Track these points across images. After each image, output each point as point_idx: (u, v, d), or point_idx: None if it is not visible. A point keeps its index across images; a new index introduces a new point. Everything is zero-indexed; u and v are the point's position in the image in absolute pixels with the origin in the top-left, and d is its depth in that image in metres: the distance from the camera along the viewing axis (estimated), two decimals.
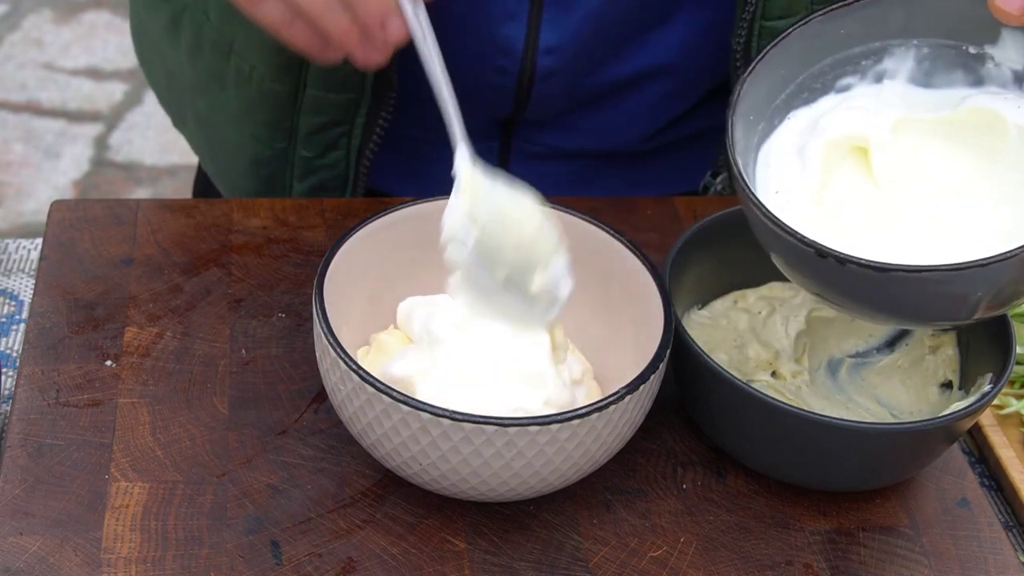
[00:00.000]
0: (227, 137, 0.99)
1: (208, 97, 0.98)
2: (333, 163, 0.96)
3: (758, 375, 0.79)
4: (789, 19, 0.89)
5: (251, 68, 0.93)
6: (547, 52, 0.92)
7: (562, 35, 0.91)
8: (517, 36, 0.91)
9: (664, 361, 0.70)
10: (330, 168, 0.96)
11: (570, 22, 0.91)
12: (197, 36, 0.96)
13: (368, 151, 0.94)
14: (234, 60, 0.93)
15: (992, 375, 0.75)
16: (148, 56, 1.07)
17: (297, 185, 0.98)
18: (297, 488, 0.73)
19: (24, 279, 0.91)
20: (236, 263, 0.87)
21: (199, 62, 0.97)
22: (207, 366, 0.80)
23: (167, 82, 1.05)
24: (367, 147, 0.94)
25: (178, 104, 1.05)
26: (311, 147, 0.95)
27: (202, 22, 0.94)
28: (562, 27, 0.91)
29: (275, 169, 0.98)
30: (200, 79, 0.98)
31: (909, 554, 0.74)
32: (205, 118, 1.01)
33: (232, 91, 0.95)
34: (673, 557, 0.72)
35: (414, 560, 0.70)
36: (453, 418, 0.65)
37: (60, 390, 0.77)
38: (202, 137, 1.05)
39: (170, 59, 1.01)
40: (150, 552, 0.69)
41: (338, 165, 0.96)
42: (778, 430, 0.73)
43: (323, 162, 0.96)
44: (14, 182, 2.56)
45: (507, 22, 0.91)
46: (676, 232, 0.81)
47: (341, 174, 0.96)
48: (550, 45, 0.92)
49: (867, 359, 0.83)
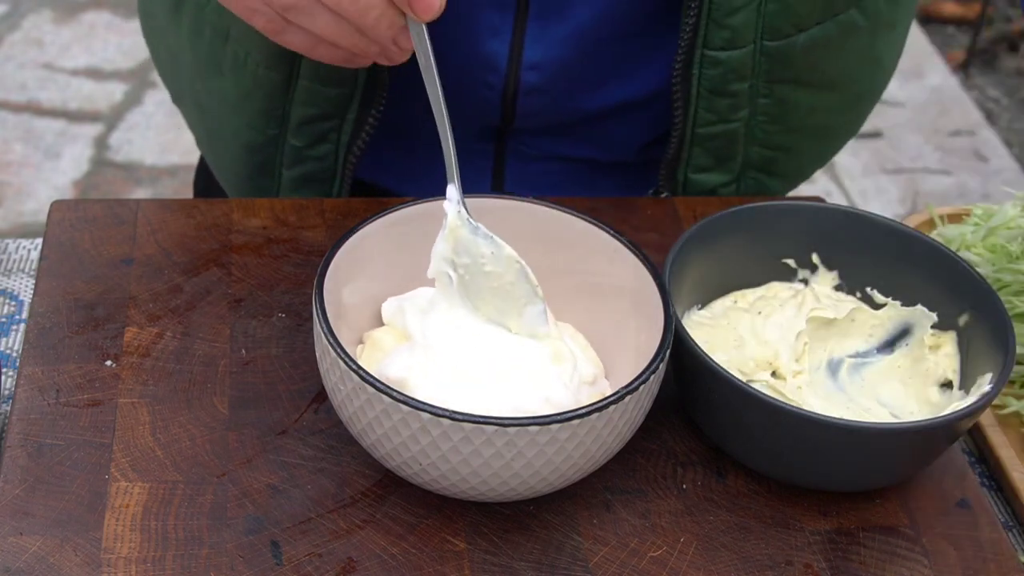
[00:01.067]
0: (222, 121, 1.00)
1: (206, 81, 0.99)
2: (322, 156, 0.96)
3: (758, 375, 0.79)
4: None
5: (246, 54, 0.93)
6: (530, 68, 0.92)
7: (545, 51, 0.92)
8: (501, 51, 0.92)
9: (664, 361, 0.70)
10: (319, 160, 0.96)
11: (554, 39, 0.91)
12: (198, 19, 0.96)
13: (356, 147, 0.94)
14: (231, 46, 0.94)
15: (992, 375, 0.75)
16: (153, 36, 1.08)
17: (286, 173, 0.98)
18: (297, 488, 0.73)
19: (24, 279, 0.91)
20: (236, 263, 0.87)
21: (199, 45, 0.97)
22: (207, 366, 0.80)
23: (169, 61, 1.06)
24: (356, 143, 0.94)
25: (178, 84, 1.06)
26: (301, 137, 0.95)
27: (203, 5, 0.95)
28: (546, 44, 0.91)
29: (266, 156, 0.98)
30: (199, 63, 0.98)
31: (909, 554, 0.74)
32: (203, 101, 1.02)
33: (229, 77, 0.96)
34: (673, 557, 0.72)
35: (414, 560, 0.70)
36: (453, 418, 0.65)
37: (60, 390, 0.77)
38: (198, 119, 1.06)
39: (172, 40, 1.02)
40: (150, 552, 0.69)
41: (327, 158, 0.96)
42: (778, 430, 0.73)
43: (312, 153, 0.96)
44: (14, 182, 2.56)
45: (491, 37, 0.91)
46: (676, 232, 0.81)
47: (329, 167, 0.97)
48: (533, 61, 0.92)
49: (867, 359, 0.83)
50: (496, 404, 0.70)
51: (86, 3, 3.08)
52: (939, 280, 0.81)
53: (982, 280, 0.79)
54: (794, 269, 0.85)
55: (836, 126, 1.04)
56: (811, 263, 0.85)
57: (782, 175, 1.02)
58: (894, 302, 0.83)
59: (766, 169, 0.99)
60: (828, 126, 1.02)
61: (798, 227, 0.84)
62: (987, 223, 0.98)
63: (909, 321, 0.82)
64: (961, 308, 0.80)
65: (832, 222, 0.84)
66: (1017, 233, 0.97)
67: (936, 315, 0.81)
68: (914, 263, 0.82)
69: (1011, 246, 0.95)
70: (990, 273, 0.94)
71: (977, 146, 3.02)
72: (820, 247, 0.85)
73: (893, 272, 0.83)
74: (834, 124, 1.03)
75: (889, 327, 0.83)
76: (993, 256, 0.96)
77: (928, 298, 0.82)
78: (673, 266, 0.78)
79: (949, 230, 0.99)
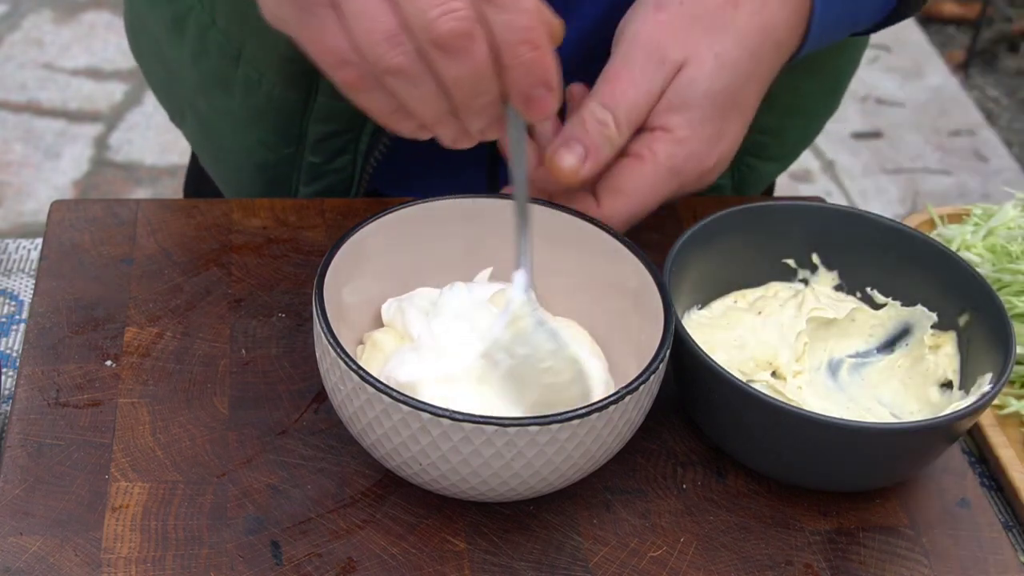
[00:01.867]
0: (231, 140, 0.98)
1: (211, 99, 0.97)
2: (341, 168, 0.95)
3: (758, 375, 0.79)
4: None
5: (260, 75, 0.92)
6: None
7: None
8: None
9: (664, 361, 0.70)
10: (337, 172, 0.96)
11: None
12: (202, 40, 0.94)
13: (374, 157, 0.94)
14: (243, 67, 0.92)
15: (992, 375, 0.75)
16: (145, 52, 1.05)
17: (303, 189, 0.97)
18: (297, 488, 0.73)
19: (24, 279, 0.91)
20: (236, 263, 0.87)
21: (203, 65, 0.96)
22: (207, 366, 0.80)
23: (166, 79, 1.03)
24: (374, 153, 0.94)
25: (177, 101, 1.04)
26: (319, 153, 0.94)
27: (208, 26, 0.93)
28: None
29: (281, 173, 0.97)
30: (203, 81, 0.97)
31: (909, 554, 0.74)
32: (207, 119, 1.00)
33: (239, 96, 0.94)
34: (673, 557, 0.72)
35: (414, 560, 0.70)
36: (453, 418, 0.65)
37: (60, 390, 0.77)
38: (203, 137, 1.04)
39: (171, 58, 1.00)
40: (150, 552, 0.69)
41: (345, 170, 0.95)
42: (778, 430, 0.73)
43: (331, 167, 0.95)
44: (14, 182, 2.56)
45: None
46: (676, 232, 0.81)
47: (347, 177, 0.96)
48: None
49: (867, 359, 0.83)
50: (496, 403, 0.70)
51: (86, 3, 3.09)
52: (939, 280, 0.81)
53: (982, 280, 0.79)
54: (794, 269, 0.85)
55: (819, 103, 1.05)
56: (811, 263, 0.85)
57: (774, 158, 1.04)
58: (894, 302, 0.83)
59: (758, 154, 1.00)
60: (812, 105, 1.04)
61: (798, 227, 0.84)
62: (987, 223, 0.98)
63: (909, 321, 0.83)
64: (961, 308, 0.80)
65: (832, 222, 0.84)
66: (1017, 233, 0.97)
67: (936, 315, 0.81)
68: (914, 263, 0.82)
69: (1011, 246, 0.95)
70: (990, 273, 0.94)
71: (977, 146, 3.02)
72: (820, 247, 0.85)
73: (893, 272, 0.83)
74: (817, 102, 1.05)
75: (889, 327, 0.83)
76: (993, 256, 0.96)
77: (928, 298, 0.82)
78: (673, 266, 0.78)
79: (949, 230, 0.99)
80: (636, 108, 0.78)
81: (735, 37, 0.79)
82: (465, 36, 0.61)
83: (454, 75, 0.63)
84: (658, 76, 0.78)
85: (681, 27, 0.79)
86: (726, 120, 0.80)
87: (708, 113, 0.79)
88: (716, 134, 0.80)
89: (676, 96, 0.79)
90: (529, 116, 0.66)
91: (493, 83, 0.64)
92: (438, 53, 0.62)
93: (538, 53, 0.63)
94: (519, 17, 0.62)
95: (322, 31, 0.64)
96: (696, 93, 0.78)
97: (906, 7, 0.88)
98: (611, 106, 0.78)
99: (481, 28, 0.62)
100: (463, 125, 0.67)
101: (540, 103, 0.65)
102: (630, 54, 0.79)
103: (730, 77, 0.79)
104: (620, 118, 0.78)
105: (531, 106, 0.65)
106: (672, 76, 0.79)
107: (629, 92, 0.78)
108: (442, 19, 0.61)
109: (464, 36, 0.61)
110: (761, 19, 0.80)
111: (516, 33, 0.62)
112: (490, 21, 0.62)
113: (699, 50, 0.79)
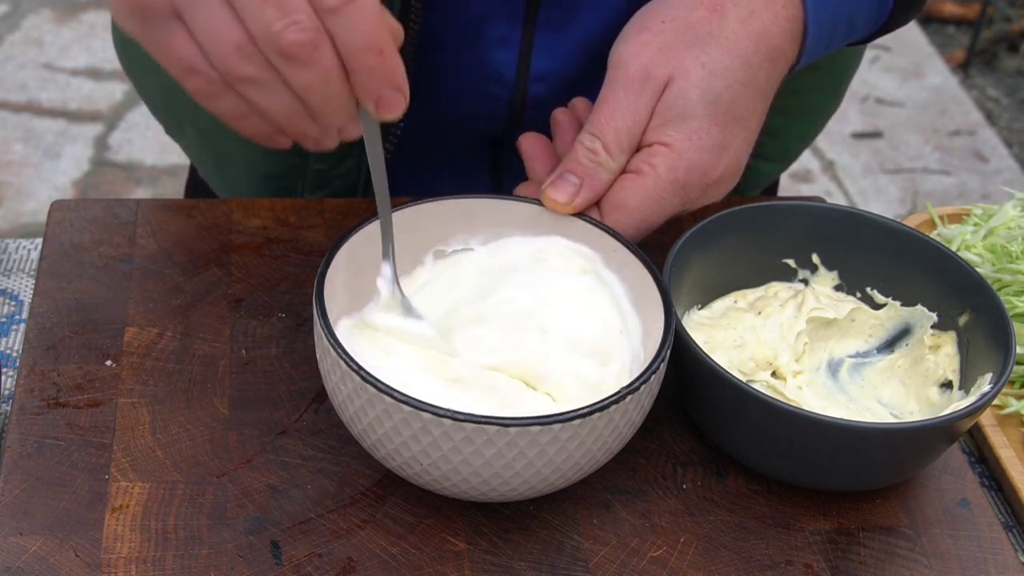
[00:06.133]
0: (236, 153, 0.98)
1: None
2: (346, 172, 0.95)
3: (758, 375, 0.79)
4: None
5: None
6: (538, 79, 0.92)
7: (554, 61, 0.91)
8: (509, 63, 0.91)
9: (664, 361, 0.70)
10: (342, 178, 0.96)
11: (562, 49, 0.91)
12: None
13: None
14: None
15: (992, 375, 0.75)
16: (138, 69, 1.04)
17: (309, 196, 0.97)
18: (297, 488, 0.73)
19: (24, 279, 0.91)
20: (236, 263, 0.87)
21: None
22: (207, 366, 0.80)
23: (163, 93, 1.03)
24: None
25: (176, 115, 1.03)
26: (325, 160, 0.95)
27: None
28: (553, 54, 0.91)
29: (288, 182, 0.97)
30: None
31: (909, 554, 0.74)
32: (209, 133, 0.99)
33: None
34: (673, 557, 0.72)
35: (414, 560, 0.70)
36: (454, 418, 0.65)
37: (60, 390, 0.77)
38: (205, 150, 1.03)
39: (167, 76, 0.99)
40: (150, 552, 0.69)
41: (350, 174, 0.96)
42: (778, 430, 0.73)
43: (336, 172, 0.95)
44: (14, 182, 2.56)
45: (500, 48, 0.90)
46: (676, 232, 0.81)
47: (352, 183, 0.96)
48: (541, 72, 0.92)
49: (867, 359, 0.83)
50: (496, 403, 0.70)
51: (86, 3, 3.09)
52: (939, 280, 0.81)
53: (982, 280, 0.79)
54: (794, 269, 0.85)
55: (819, 104, 1.06)
56: (811, 263, 0.85)
57: (773, 158, 1.04)
58: (894, 302, 0.83)
59: (758, 154, 1.00)
60: (811, 104, 1.04)
61: (798, 227, 0.84)
62: (987, 223, 0.98)
63: (909, 321, 0.83)
64: (961, 308, 0.80)
65: (832, 222, 0.84)
66: (1017, 233, 0.97)
67: (936, 315, 0.81)
68: (914, 263, 0.82)
69: (1011, 246, 0.95)
70: (990, 273, 0.94)
71: (977, 146, 3.02)
72: (820, 247, 0.85)
73: (893, 272, 0.83)
74: (817, 102, 1.05)
75: (889, 327, 0.83)
76: (993, 256, 0.96)
77: (928, 298, 0.82)
78: (673, 266, 0.78)
79: (949, 230, 0.99)
80: (624, 130, 0.79)
81: (724, 46, 0.80)
82: (309, 46, 0.62)
83: (304, 82, 0.64)
84: (644, 95, 0.79)
85: (664, 44, 0.79)
86: (726, 130, 0.80)
87: (705, 123, 0.79)
88: (717, 145, 0.80)
89: (668, 110, 0.79)
90: (380, 116, 0.67)
91: (342, 87, 0.65)
92: (285, 63, 0.63)
93: (382, 58, 0.64)
94: (361, 24, 0.63)
95: (169, 42, 0.66)
96: (688, 103, 0.79)
97: (903, 13, 0.88)
98: (599, 133, 0.79)
99: (326, 37, 0.63)
100: (320, 126, 0.69)
101: (389, 103, 0.67)
102: (615, 78, 0.80)
103: (722, 84, 0.79)
104: (609, 143, 0.79)
105: (381, 106, 0.67)
106: (660, 92, 0.79)
107: (615, 115, 0.79)
108: (286, 31, 0.62)
109: (308, 46, 0.62)
110: (751, 27, 0.80)
111: (360, 40, 0.63)
112: (332, 31, 0.63)
113: (684, 63, 0.79)
